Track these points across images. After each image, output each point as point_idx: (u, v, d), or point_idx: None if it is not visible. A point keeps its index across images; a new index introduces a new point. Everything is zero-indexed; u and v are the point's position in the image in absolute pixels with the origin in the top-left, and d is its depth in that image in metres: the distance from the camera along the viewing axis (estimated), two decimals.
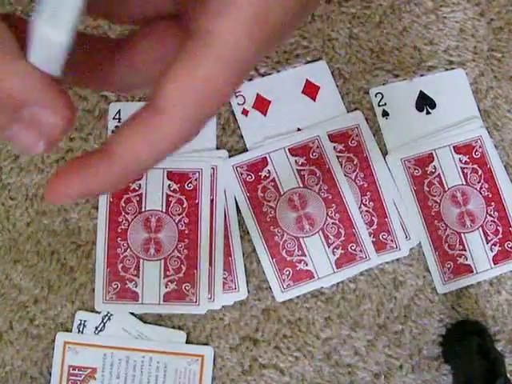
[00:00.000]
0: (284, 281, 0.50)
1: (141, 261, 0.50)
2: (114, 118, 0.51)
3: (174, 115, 0.17)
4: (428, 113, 0.53)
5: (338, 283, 0.51)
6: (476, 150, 0.53)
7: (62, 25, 0.17)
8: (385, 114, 0.53)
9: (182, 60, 0.17)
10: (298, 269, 0.50)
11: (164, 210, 0.50)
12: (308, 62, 0.53)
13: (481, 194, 0.52)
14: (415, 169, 0.52)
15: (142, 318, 0.50)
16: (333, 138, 0.52)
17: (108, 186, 0.18)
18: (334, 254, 0.51)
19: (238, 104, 0.52)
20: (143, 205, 0.50)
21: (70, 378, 0.49)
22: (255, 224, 0.51)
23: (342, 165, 0.52)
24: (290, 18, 0.18)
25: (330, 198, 0.51)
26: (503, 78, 0.54)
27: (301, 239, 0.51)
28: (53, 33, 0.17)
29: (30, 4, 0.52)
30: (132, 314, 0.50)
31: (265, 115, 0.52)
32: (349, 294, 0.51)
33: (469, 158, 0.53)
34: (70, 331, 0.50)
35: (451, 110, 0.53)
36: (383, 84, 0.53)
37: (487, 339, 0.49)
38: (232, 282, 0.50)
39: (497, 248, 0.52)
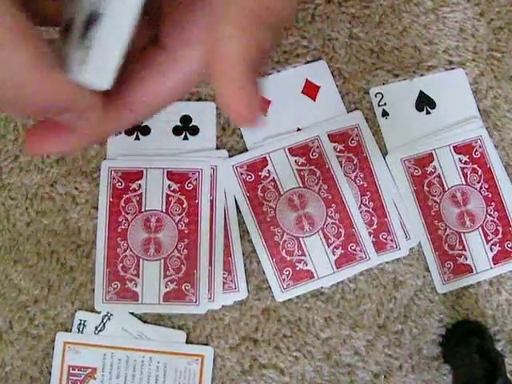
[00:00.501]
0: (284, 281, 0.50)
1: (141, 261, 0.50)
2: None
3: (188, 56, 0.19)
4: (428, 113, 0.53)
5: (337, 283, 0.51)
6: (476, 150, 0.53)
7: (107, 74, 0.17)
8: (385, 113, 0.53)
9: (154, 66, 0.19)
10: (297, 269, 0.50)
11: (164, 210, 0.50)
12: (308, 62, 0.53)
13: (481, 193, 0.52)
14: (415, 169, 0.52)
15: (142, 318, 0.50)
16: (333, 137, 0.52)
17: (127, 125, 0.20)
18: (334, 254, 0.51)
19: None
20: (143, 205, 0.50)
21: (70, 377, 0.49)
22: (255, 224, 0.51)
23: (341, 165, 0.52)
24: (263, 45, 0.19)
25: (330, 197, 0.51)
26: (503, 78, 0.54)
27: (301, 239, 0.51)
28: (97, 82, 0.17)
29: None
30: (132, 313, 0.50)
31: (265, 115, 0.52)
32: (349, 294, 0.51)
33: (469, 158, 0.53)
34: (70, 331, 0.50)
35: (451, 109, 0.53)
36: (383, 84, 0.53)
37: (487, 339, 0.49)
38: (232, 281, 0.50)
39: (497, 248, 0.52)
